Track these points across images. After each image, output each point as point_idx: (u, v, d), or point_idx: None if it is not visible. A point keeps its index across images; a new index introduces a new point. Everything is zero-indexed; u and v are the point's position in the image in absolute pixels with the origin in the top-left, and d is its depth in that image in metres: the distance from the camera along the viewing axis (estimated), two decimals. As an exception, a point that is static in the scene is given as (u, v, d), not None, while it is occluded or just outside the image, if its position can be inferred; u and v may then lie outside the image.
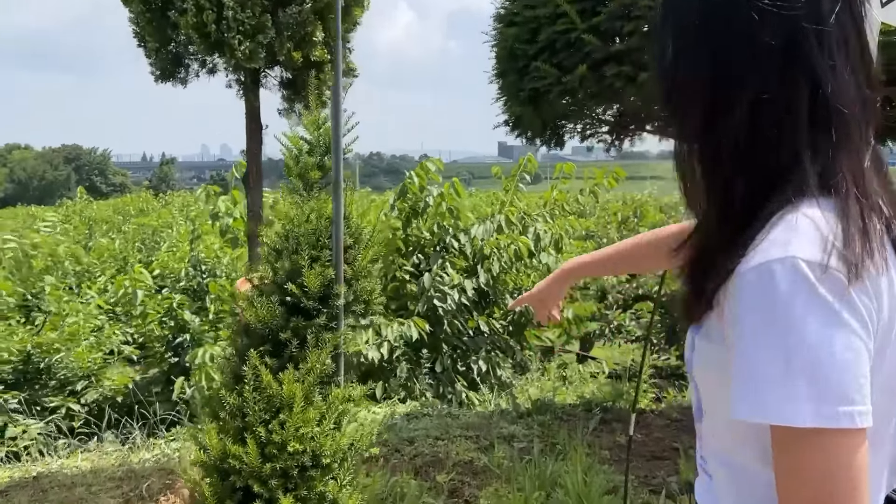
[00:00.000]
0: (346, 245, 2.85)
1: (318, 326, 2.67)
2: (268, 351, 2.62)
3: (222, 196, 8.27)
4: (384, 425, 5.28)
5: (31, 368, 7.46)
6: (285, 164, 3.11)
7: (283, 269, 2.71)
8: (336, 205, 2.71)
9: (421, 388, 7.00)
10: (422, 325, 6.79)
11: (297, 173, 3.05)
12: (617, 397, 5.75)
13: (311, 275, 2.64)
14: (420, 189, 7.54)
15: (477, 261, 7.95)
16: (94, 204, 25.74)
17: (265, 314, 2.60)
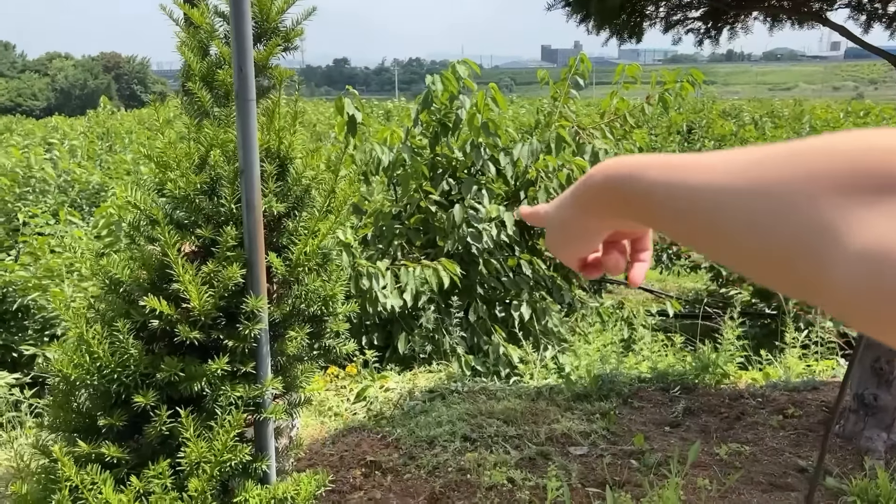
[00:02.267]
0: (279, 212, 1.53)
1: (213, 377, 1.40)
2: (113, 430, 1.37)
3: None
4: (399, 410, 4.11)
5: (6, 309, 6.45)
6: (183, 56, 1.76)
7: (138, 267, 1.41)
8: (245, 135, 1.37)
9: (451, 343, 5.80)
10: (452, 268, 5.50)
11: (202, 75, 1.71)
12: (701, 371, 4.46)
13: (191, 279, 1.33)
14: (450, 99, 6.08)
15: (520, 186, 6.56)
16: (119, 114, 24.70)
17: (104, 357, 1.33)
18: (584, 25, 3.52)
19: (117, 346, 1.31)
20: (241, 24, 1.27)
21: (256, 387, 1.38)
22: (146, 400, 1.29)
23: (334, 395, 4.45)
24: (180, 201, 1.39)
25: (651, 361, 4.79)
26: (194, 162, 1.46)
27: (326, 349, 1.55)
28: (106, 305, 1.37)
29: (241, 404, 1.35)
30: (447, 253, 5.90)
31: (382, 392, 4.42)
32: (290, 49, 1.80)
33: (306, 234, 1.45)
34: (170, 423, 1.32)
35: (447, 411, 3.96)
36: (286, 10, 1.72)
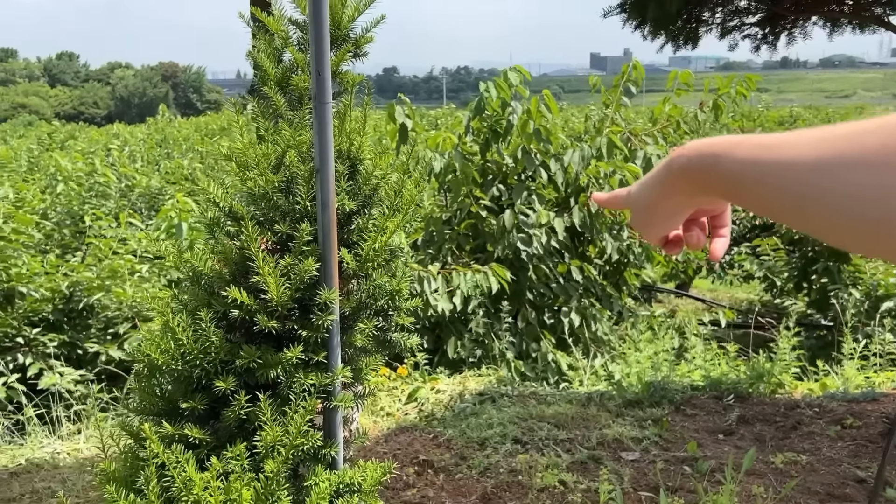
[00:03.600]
0: (350, 210, 1.61)
1: (288, 365, 1.47)
2: (194, 413, 1.45)
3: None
4: (450, 412, 4.16)
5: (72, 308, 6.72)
6: (257, 63, 1.85)
7: (219, 260, 1.50)
8: (322, 137, 1.45)
9: (500, 348, 5.84)
10: (502, 273, 5.54)
11: (277, 80, 1.80)
12: (755, 380, 4.40)
13: (270, 271, 1.41)
14: (501, 106, 6.14)
15: (571, 193, 6.56)
16: (176, 122, 25.41)
17: (187, 344, 1.41)
18: (640, 31, 3.53)
19: (200, 333, 1.39)
20: (320, 29, 1.35)
21: (328, 375, 1.45)
22: (227, 385, 1.37)
23: (386, 395, 4.53)
24: (259, 198, 1.47)
25: (704, 370, 4.75)
26: (271, 162, 1.54)
27: (390, 342, 1.61)
28: (189, 296, 1.46)
29: (313, 391, 1.42)
30: (497, 258, 5.94)
31: (433, 394, 4.48)
32: (360, 55, 1.87)
33: (375, 231, 1.51)
34: (247, 408, 1.40)
35: (497, 414, 4.00)
36: (356, 17, 1.79)
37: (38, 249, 7.78)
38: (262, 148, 1.56)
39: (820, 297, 7.46)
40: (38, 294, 6.39)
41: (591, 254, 6.91)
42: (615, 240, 6.65)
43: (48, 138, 18.78)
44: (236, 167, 1.56)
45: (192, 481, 1.33)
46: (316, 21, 1.35)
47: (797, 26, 3.85)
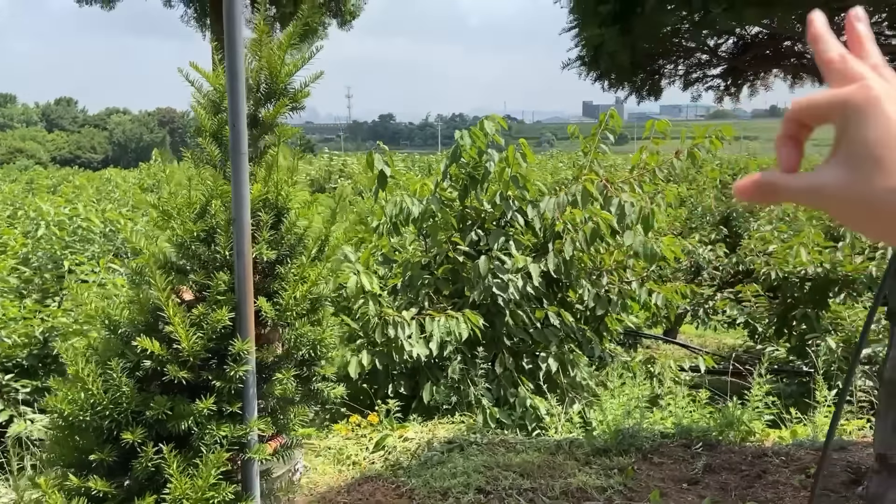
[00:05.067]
0: (271, 259, 1.61)
1: (200, 416, 1.46)
2: (105, 464, 1.43)
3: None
4: (416, 460, 4.10)
5: (47, 354, 6.65)
6: (196, 114, 1.88)
7: (132, 308, 1.49)
8: (237, 188, 1.46)
9: (476, 394, 5.79)
10: (475, 319, 5.53)
11: (213, 131, 1.82)
12: (725, 427, 4.36)
13: (181, 321, 1.41)
14: (478, 153, 6.21)
15: (548, 238, 6.59)
16: (168, 167, 25.61)
17: (97, 394, 1.40)
18: (600, 83, 3.60)
19: (111, 384, 1.38)
20: (236, 83, 1.37)
21: (241, 427, 1.44)
22: (134, 436, 1.36)
23: (354, 443, 4.47)
24: (178, 248, 1.47)
25: (675, 417, 4.70)
26: (195, 210, 1.55)
27: (316, 393, 1.60)
28: (103, 345, 1.45)
29: (225, 443, 1.40)
30: (473, 303, 5.93)
31: (401, 442, 4.42)
32: (298, 109, 1.91)
33: (296, 279, 1.52)
34: (156, 460, 1.38)
35: (464, 463, 3.95)
36: (294, 73, 1.83)
37: (16, 294, 7.73)
38: (187, 197, 1.58)
39: (800, 344, 7.45)
40: (12, 340, 6.32)
41: (572, 299, 6.91)
42: (593, 286, 6.66)
43: (35, 182, 18.84)
44: (160, 216, 1.57)
45: (93, 536, 1.30)
46: (231, 73, 1.38)
47: (759, 78, 3.93)
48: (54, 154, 75.65)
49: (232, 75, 1.40)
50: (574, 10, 3.12)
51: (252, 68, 1.81)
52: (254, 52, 1.81)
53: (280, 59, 1.76)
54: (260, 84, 1.81)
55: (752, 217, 11.30)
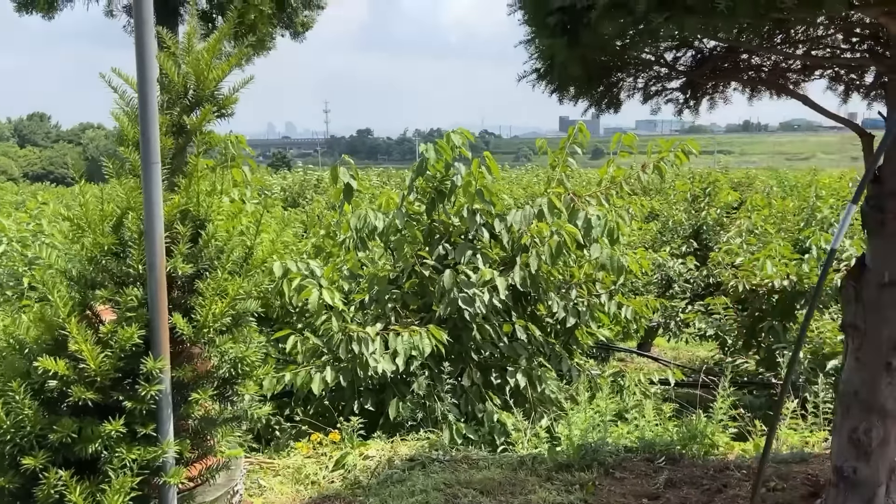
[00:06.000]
0: (188, 273, 1.55)
1: (109, 439, 1.39)
2: (3, 492, 1.35)
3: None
4: (375, 479, 4.02)
5: (4, 373, 6.43)
6: (117, 122, 1.82)
7: (43, 327, 1.42)
8: (148, 200, 1.40)
9: (443, 409, 5.71)
10: (439, 335, 5.47)
11: (136, 140, 1.76)
12: (688, 441, 4.34)
13: (85, 339, 1.34)
14: (446, 167, 6.18)
15: (515, 252, 6.56)
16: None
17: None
18: (557, 96, 3.58)
19: (13, 406, 1.30)
20: (146, 89, 1.32)
21: (153, 449, 1.36)
22: (36, 461, 1.28)
23: (314, 462, 4.38)
24: (88, 262, 1.41)
25: (640, 431, 4.67)
26: (110, 223, 1.49)
27: (239, 412, 1.53)
28: (6, 365, 1.38)
29: (135, 467, 1.33)
30: (439, 318, 5.88)
31: (362, 460, 4.34)
32: (226, 115, 1.85)
33: (214, 295, 1.45)
34: (61, 487, 1.30)
35: (424, 480, 3.88)
36: (222, 78, 1.78)
37: (-25, 312, 7.52)
38: (101, 209, 1.51)
39: (768, 356, 7.48)
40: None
41: (542, 313, 6.88)
42: (562, 299, 6.63)
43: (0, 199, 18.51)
44: (72, 229, 1.50)
45: (-14, 569, 1.22)
46: (141, 79, 1.32)
47: (717, 91, 3.93)
48: (27, 170, 74.55)
49: (142, 81, 1.34)
50: (528, 21, 3.10)
51: (181, 73, 1.75)
52: (183, 59, 1.75)
53: (207, 65, 1.71)
54: (188, 90, 1.75)
55: (722, 230, 11.40)
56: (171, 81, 1.70)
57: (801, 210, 11.79)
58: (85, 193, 1.53)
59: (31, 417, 1.32)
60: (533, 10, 2.86)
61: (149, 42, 1.35)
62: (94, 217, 1.48)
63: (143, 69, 1.34)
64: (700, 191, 12.21)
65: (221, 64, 1.79)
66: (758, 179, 19.76)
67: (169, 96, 1.77)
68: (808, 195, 12.62)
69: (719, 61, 3.73)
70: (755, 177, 20.67)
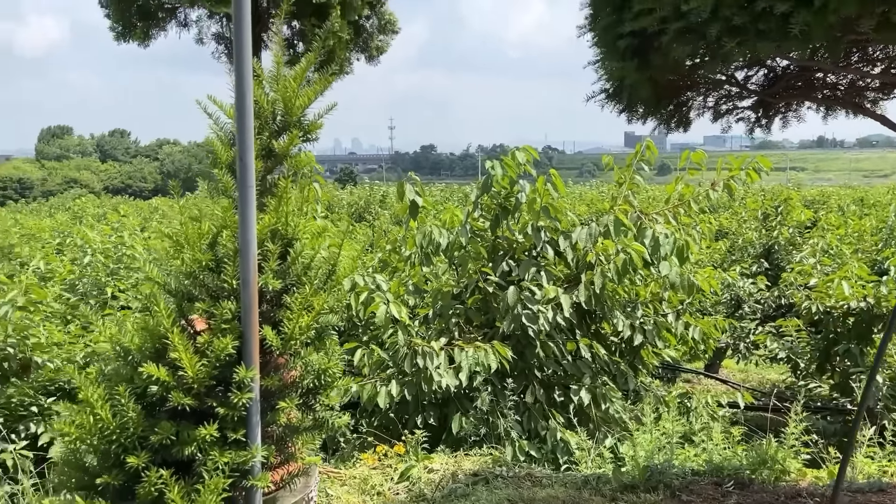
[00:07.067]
0: (277, 288, 1.64)
1: (203, 443, 1.49)
2: (111, 488, 1.46)
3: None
4: (440, 492, 4.07)
5: (88, 378, 6.77)
6: (212, 147, 1.94)
7: (142, 335, 1.54)
8: (244, 220, 1.51)
9: (506, 426, 5.72)
10: (503, 351, 5.50)
11: (228, 163, 1.88)
12: (758, 465, 4.23)
13: (185, 348, 1.45)
14: (510, 183, 6.23)
15: (580, 269, 6.55)
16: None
17: (105, 419, 1.44)
18: (626, 115, 3.60)
19: (118, 409, 1.42)
20: (244, 118, 1.42)
21: (244, 453, 1.46)
22: (139, 461, 1.39)
23: (379, 473, 4.47)
24: (187, 276, 1.52)
25: (708, 454, 4.58)
26: (206, 241, 1.60)
27: (321, 421, 1.62)
28: (113, 371, 1.50)
29: (227, 470, 1.42)
30: (503, 334, 5.90)
31: (426, 473, 4.40)
32: (311, 140, 1.96)
33: (301, 309, 1.54)
34: (160, 485, 1.40)
35: (488, 496, 3.91)
36: (308, 105, 1.88)
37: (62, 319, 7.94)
38: (198, 228, 1.63)
39: (843, 381, 7.21)
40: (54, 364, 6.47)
41: (607, 331, 6.82)
42: (628, 317, 6.57)
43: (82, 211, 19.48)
44: (172, 245, 1.62)
45: (94, 558, 1.33)
46: (240, 109, 1.43)
47: (790, 110, 3.87)
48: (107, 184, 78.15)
49: (240, 111, 1.45)
50: (597, 43, 3.14)
51: (270, 100, 1.87)
52: (271, 86, 1.86)
53: (294, 92, 1.81)
54: (276, 116, 1.86)
55: (794, 249, 11.06)
56: (261, 108, 1.81)
57: (878, 230, 11.35)
58: (183, 213, 1.65)
59: (134, 420, 1.43)
60: (603, 34, 2.90)
61: (247, 76, 1.46)
62: (193, 235, 1.59)
63: (242, 99, 1.45)
64: (772, 209, 11.90)
65: (307, 91, 1.89)
66: (833, 197, 19.11)
67: (259, 122, 1.88)
68: (887, 214, 12.14)
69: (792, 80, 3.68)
70: (830, 195, 20.00)
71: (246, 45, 1.44)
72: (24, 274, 7.95)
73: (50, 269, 8.95)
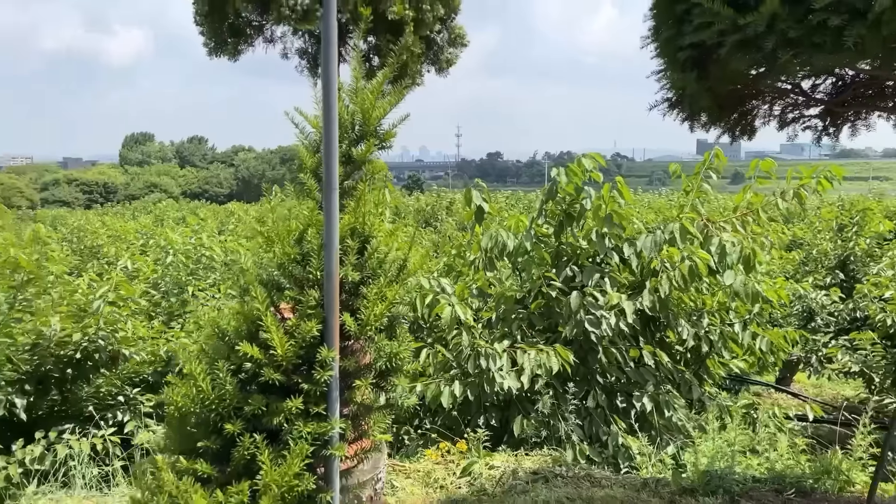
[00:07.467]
0: (355, 280, 1.83)
1: (290, 414, 1.68)
2: (210, 451, 1.67)
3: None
4: (500, 488, 4.20)
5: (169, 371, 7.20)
6: (298, 153, 2.15)
7: (238, 319, 1.75)
8: (328, 219, 1.70)
9: (567, 429, 5.81)
10: (565, 355, 5.59)
11: (313, 168, 2.08)
12: (821, 475, 4.19)
13: (276, 330, 1.64)
14: (576, 190, 6.32)
15: (644, 276, 6.57)
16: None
17: (206, 391, 1.65)
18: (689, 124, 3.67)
19: (217, 382, 1.62)
20: (330, 129, 1.61)
21: (324, 425, 1.64)
22: (234, 428, 1.59)
23: (442, 468, 4.63)
24: (278, 268, 1.72)
25: (770, 462, 4.55)
26: (294, 237, 1.80)
27: (391, 401, 1.79)
28: (212, 349, 1.71)
29: (310, 439, 1.61)
30: (565, 339, 5.99)
31: (487, 469, 4.54)
32: (386, 148, 2.14)
33: (376, 299, 1.72)
34: (252, 450, 1.60)
35: (547, 493, 4.02)
36: (384, 116, 2.07)
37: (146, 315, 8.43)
38: (287, 225, 1.83)
39: (920, 397, 6.99)
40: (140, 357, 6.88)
41: (671, 340, 6.81)
42: (693, 326, 6.55)
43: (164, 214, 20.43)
44: (264, 241, 1.83)
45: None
46: (326, 121, 1.62)
47: (859, 118, 3.87)
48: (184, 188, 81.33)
49: (327, 123, 1.64)
50: (659, 54, 3.23)
51: (349, 111, 2.06)
52: (351, 98, 2.06)
53: (371, 104, 2.00)
54: (354, 126, 2.06)
55: (872, 261, 10.70)
56: (342, 119, 2.01)
57: (965, 242, 10.87)
58: (275, 212, 1.86)
59: (230, 392, 1.64)
60: (664, 45, 3.00)
61: (332, 92, 1.65)
62: (283, 231, 1.80)
63: (328, 113, 1.64)
64: (848, 220, 11.54)
65: (383, 102, 2.08)
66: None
67: (339, 131, 2.08)
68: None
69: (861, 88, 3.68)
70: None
71: (332, 68, 1.63)
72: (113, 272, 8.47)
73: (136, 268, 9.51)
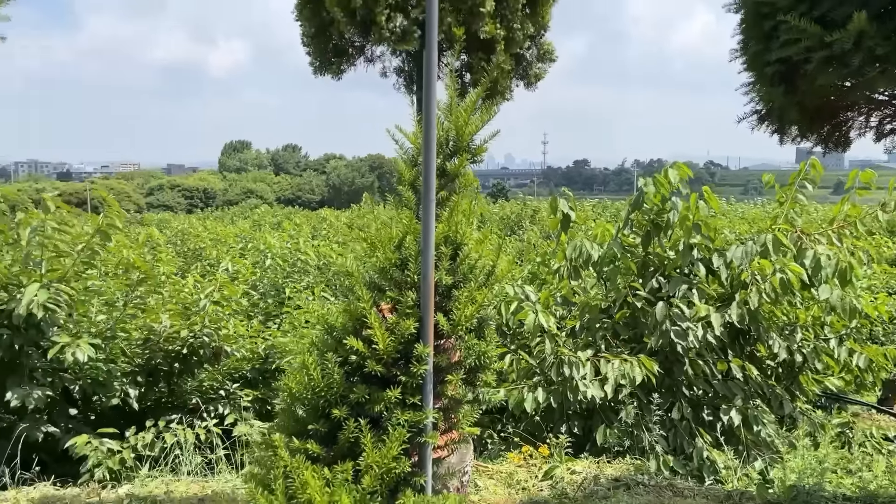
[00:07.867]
0: (448, 284, 2.00)
1: (389, 403, 1.86)
2: (319, 433, 1.88)
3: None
4: (581, 492, 4.28)
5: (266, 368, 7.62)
6: (396, 167, 2.35)
7: (345, 316, 1.94)
8: (425, 227, 1.87)
9: (650, 440, 5.80)
10: (649, 365, 5.59)
11: (410, 181, 2.27)
12: (919, 498, 4.04)
13: (378, 326, 1.83)
14: (662, 200, 6.31)
15: (734, 288, 6.48)
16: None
17: (316, 379, 1.86)
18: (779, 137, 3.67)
19: (326, 371, 1.83)
20: (429, 149, 1.79)
21: (419, 414, 1.82)
22: (341, 413, 1.79)
23: (525, 470, 4.75)
24: (379, 271, 1.91)
25: (863, 482, 4.42)
26: (394, 243, 1.99)
27: (479, 396, 1.95)
28: (321, 343, 1.92)
29: (406, 426, 1.79)
30: (650, 350, 5.99)
31: (569, 474, 4.63)
32: (477, 162, 2.31)
33: (467, 301, 1.89)
34: (356, 433, 1.80)
35: (628, 500, 4.07)
36: (475, 132, 2.24)
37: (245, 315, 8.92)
38: (389, 233, 2.02)
39: None
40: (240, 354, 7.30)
41: (762, 353, 6.68)
42: (785, 340, 6.41)
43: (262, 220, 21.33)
44: (367, 247, 2.03)
45: (307, 483, 1.74)
46: (426, 143, 1.80)
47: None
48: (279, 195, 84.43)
49: (426, 142, 1.82)
50: (748, 68, 3.27)
51: (444, 128, 2.24)
52: (445, 115, 2.24)
53: (465, 121, 2.17)
54: (449, 141, 2.24)
55: None
56: (437, 135, 2.19)
57: None
58: (377, 220, 2.05)
59: (337, 381, 1.83)
60: (752, 60, 3.04)
61: (433, 111, 1.83)
62: (384, 238, 1.99)
63: (428, 131, 1.82)
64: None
65: (475, 119, 2.25)
66: None
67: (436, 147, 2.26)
68: None
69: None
70: None
71: (432, 95, 1.81)
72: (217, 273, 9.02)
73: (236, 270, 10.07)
